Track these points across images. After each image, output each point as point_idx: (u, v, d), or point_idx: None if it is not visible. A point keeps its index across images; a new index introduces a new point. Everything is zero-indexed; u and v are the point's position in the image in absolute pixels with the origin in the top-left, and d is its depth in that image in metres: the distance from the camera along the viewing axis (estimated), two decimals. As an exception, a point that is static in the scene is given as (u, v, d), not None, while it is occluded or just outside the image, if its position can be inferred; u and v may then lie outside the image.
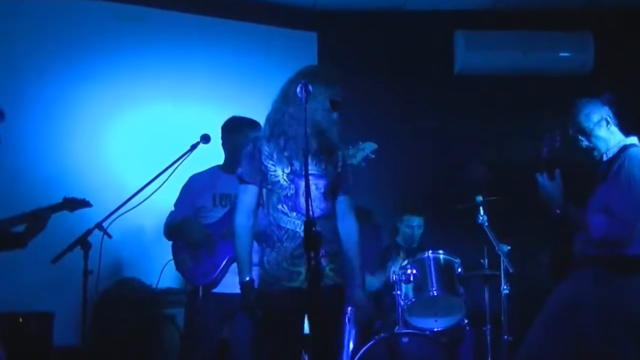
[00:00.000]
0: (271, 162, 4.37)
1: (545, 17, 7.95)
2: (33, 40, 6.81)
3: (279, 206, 4.35)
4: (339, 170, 4.50)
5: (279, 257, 4.33)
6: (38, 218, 4.85)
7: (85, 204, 5.14)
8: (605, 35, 7.84)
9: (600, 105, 4.78)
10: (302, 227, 4.14)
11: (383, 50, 7.94)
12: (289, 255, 4.31)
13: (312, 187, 4.25)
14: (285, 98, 4.45)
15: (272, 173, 4.36)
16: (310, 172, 4.17)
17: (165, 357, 6.29)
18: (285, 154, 4.36)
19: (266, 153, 4.38)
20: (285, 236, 4.33)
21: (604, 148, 4.74)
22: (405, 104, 7.81)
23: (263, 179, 4.39)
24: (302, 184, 4.24)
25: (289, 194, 4.35)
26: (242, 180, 4.44)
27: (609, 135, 4.73)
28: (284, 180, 4.35)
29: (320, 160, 4.43)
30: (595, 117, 4.73)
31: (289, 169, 4.36)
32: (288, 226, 4.34)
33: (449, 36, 7.98)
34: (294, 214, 4.34)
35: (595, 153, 4.78)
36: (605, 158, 4.73)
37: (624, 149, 4.65)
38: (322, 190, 4.39)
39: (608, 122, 4.72)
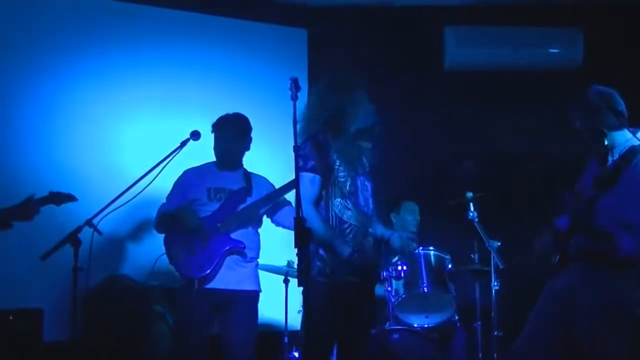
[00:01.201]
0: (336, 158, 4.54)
1: (535, 12, 7.95)
2: (27, 37, 6.79)
3: (343, 201, 4.50)
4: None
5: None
6: (27, 207, 4.85)
7: (71, 198, 5.13)
8: (595, 31, 7.84)
9: (609, 101, 4.68)
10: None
11: (373, 47, 7.94)
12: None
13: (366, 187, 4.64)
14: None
15: (338, 168, 4.53)
16: (361, 173, 4.62)
17: (156, 353, 6.28)
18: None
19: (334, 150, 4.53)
20: (348, 230, 4.49)
21: (609, 145, 4.66)
22: (395, 100, 7.79)
23: (330, 172, 4.52)
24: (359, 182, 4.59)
25: (351, 191, 4.55)
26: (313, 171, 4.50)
27: (619, 134, 4.64)
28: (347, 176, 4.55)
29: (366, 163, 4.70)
30: (604, 113, 4.63)
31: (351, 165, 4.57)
32: (351, 221, 4.51)
33: (439, 32, 7.97)
34: (355, 210, 4.54)
35: (600, 149, 4.70)
36: (611, 157, 4.65)
37: (634, 152, 4.56)
38: (370, 191, 4.68)
39: (616, 119, 4.63)
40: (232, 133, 5.66)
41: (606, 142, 4.63)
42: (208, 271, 5.42)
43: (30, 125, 6.68)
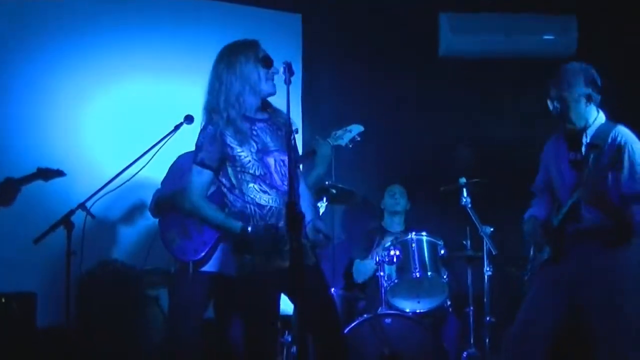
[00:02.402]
0: (235, 142, 4.32)
1: (530, -1, 7.95)
2: (14, 18, 6.75)
3: (256, 185, 4.31)
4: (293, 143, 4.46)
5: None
6: (8, 187, 4.82)
7: (59, 173, 5.12)
8: (589, 18, 7.83)
9: (584, 80, 4.68)
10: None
11: (367, 32, 7.92)
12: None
13: (281, 163, 4.36)
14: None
15: (239, 154, 4.31)
16: (273, 149, 4.34)
17: (149, 337, 6.29)
18: (254, 133, 4.35)
19: (229, 135, 4.31)
20: (269, 214, 4.30)
21: (579, 123, 4.67)
22: (390, 86, 7.80)
23: (230, 161, 4.32)
24: (271, 161, 4.32)
25: (262, 173, 4.32)
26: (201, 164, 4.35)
27: (586, 111, 4.65)
28: (254, 159, 4.31)
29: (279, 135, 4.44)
30: (579, 90, 4.64)
31: (255, 147, 4.33)
32: (270, 204, 4.31)
33: (434, 18, 7.95)
34: (274, 191, 4.33)
35: (569, 125, 4.70)
36: (585, 137, 4.64)
37: (610, 127, 4.60)
38: (288, 165, 4.27)
39: (590, 98, 4.64)
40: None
41: (587, 115, 4.65)
42: (203, 254, 5.40)
43: (15, 109, 6.65)
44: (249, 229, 4.22)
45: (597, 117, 4.67)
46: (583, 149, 4.64)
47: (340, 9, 7.88)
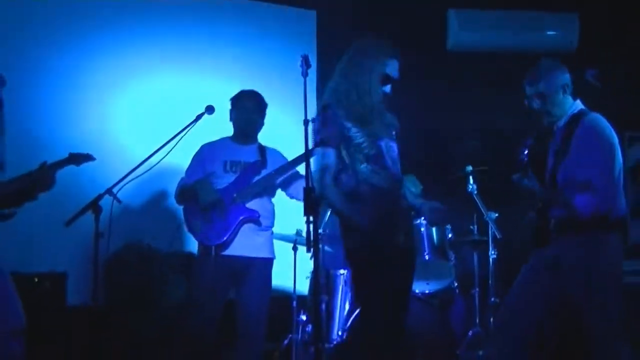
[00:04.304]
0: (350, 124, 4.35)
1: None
2: (47, 13, 6.79)
3: (369, 165, 4.32)
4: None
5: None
6: (44, 173, 4.82)
7: (89, 157, 5.09)
8: (590, 15, 7.80)
9: (563, 72, 4.69)
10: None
11: (379, 28, 7.87)
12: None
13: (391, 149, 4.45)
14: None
15: (355, 135, 4.33)
16: (384, 136, 4.41)
17: (172, 316, 6.31)
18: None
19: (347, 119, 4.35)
20: (380, 194, 4.32)
21: (558, 114, 4.66)
22: (400, 79, 7.76)
23: (346, 141, 4.33)
24: (382, 144, 4.38)
25: (376, 154, 4.35)
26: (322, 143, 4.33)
27: (563, 102, 4.65)
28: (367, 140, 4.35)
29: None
30: (556, 84, 4.64)
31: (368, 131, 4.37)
32: (381, 184, 4.33)
33: (442, 14, 7.93)
34: (385, 172, 4.36)
35: (547, 118, 4.71)
36: (559, 125, 4.66)
37: (579, 116, 4.59)
38: (397, 153, 4.50)
39: (565, 90, 4.64)
40: (253, 105, 5.68)
41: (554, 113, 4.66)
42: (225, 238, 5.42)
43: (48, 98, 6.68)
44: (368, 225, 4.21)
45: (572, 105, 4.67)
46: (557, 138, 4.67)
47: (353, 6, 7.87)
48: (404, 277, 4.47)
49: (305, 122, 4.08)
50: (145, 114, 7.00)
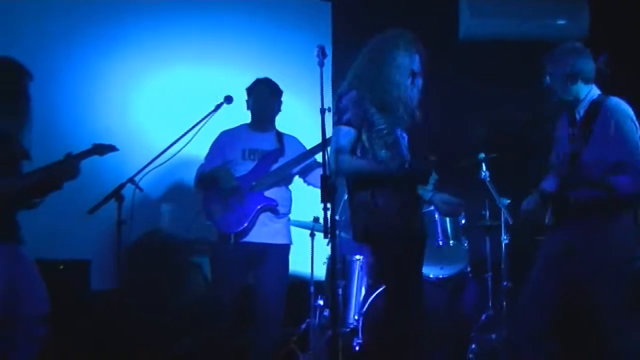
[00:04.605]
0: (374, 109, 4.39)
1: (545, -14, 7.92)
2: (70, 8, 6.83)
3: (388, 152, 4.38)
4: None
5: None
6: (69, 163, 4.87)
7: (112, 148, 5.14)
8: (600, 3, 7.78)
9: (575, 59, 4.69)
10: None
11: (393, 18, 7.87)
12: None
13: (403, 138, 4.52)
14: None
15: (378, 120, 4.38)
16: (399, 125, 4.50)
17: (192, 301, 6.36)
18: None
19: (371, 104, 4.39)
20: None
21: (577, 100, 4.67)
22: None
23: (369, 125, 4.38)
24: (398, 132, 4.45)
25: (394, 142, 4.42)
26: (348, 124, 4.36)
27: (572, 89, 4.65)
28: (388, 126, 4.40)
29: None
30: (563, 70, 4.66)
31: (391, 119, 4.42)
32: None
33: (454, 4, 7.93)
34: (400, 159, 4.42)
35: (558, 98, 4.74)
36: (578, 114, 4.67)
37: (599, 101, 4.60)
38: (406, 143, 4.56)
39: (574, 78, 4.64)
40: (269, 92, 5.75)
41: (574, 92, 4.65)
42: (244, 225, 5.46)
43: (71, 90, 6.72)
44: (406, 165, 4.36)
45: (589, 93, 4.66)
46: (577, 124, 4.66)
47: (367, -3, 7.91)
48: (419, 262, 4.51)
49: (322, 111, 4.11)
50: (166, 105, 7.04)
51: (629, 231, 4.51)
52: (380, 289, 5.99)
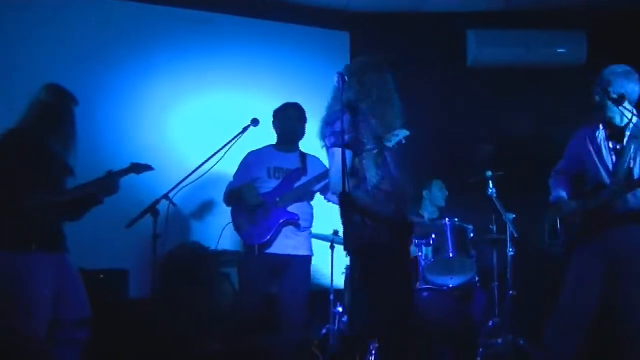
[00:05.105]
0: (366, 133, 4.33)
1: (545, 17, 7.92)
2: (111, 38, 6.93)
3: (379, 171, 4.30)
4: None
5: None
6: (109, 180, 4.92)
7: (148, 168, 5.18)
8: (597, 33, 7.78)
9: (633, 82, 4.69)
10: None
11: (407, 46, 7.94)
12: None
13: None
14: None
15: (368, 141, 4.31)
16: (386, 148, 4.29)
17: (221, 308, 6.36)
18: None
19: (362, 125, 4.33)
20: (389, 198, 4.29)
21: (614, 117, 4.67)
22: (425, 92, 7.81)
23: (362, 146, 4.31)
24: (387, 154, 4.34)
25: (384, 161, 4.33)
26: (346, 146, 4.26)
27: (624, 110, 4.62)
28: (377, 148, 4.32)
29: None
30: (625, 90, 4.63)
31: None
32: (389, 189, 4.31)
33: (463, 34, 7.96)
34: (390, 178, 4.33)
35: (607, 116, 4.70)
36: (628, 130, 4.64)
37: None
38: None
39: (632, 100, 4.65)
40: (297, 115, 5.76)
41: (620, 111, 4.61)
42: (267, 238, 5.47)
43: (111, 113, 6.78)
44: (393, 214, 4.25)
45: (632, 114, 4.64)
46: (625, 140, 4.64)
47: (383, 27, 7.91)
48: (404, 275, 4.43)
49: (342, 132, 4.11)
50: (197, 127, 7.08)
51: None
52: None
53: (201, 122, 7.13)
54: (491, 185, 6.27)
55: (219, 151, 5.38)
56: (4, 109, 5.55)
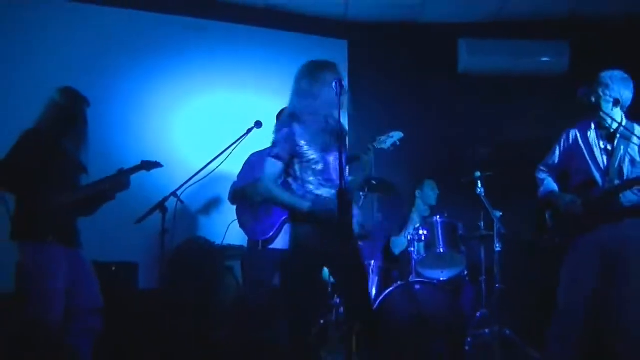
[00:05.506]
0: (304, 142, 4.30)
1: (530, 28, 7.93)
2: (117, 44, 6.92)
3: (316, 179, 4.29)
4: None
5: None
6: (121, 177, 4.93)
7: (157, 165, 5.19)
8: (579, 43, 7.79)
9: (628, 89, 4.69)
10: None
11: (402, 54, 7.95)
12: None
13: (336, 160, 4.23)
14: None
15: (306, 152, 4.29)
16: (332, 150, 4.32)
17: (225, 301, 6.35)
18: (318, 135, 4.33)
19: (299, 135, 4.30)
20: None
21: (606, 119, 4.67)
22: (419, 98, 7.82)
23: (298, 157, 4.29)
24: (330, 159, 4.30)
25: (322, 169, 4.30)
26: (276, 157, 4.29)
27: (613, 112, 4.64)
28: (317, 156, 4.29)
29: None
30: (621, 94, 4.65)
31: (320, 147, 4.31)
32: (326, 195, 4.27)
33: (454, 43, 7.95)
34: (329, 184, 4.30)
35: (599, 117, 4.70)
36: (618, 132, 4.66)
37: (633, 126, 4.65)
38: (340, 160, 4.16)
39: (616, 103, 4.64)
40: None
41: (614, 114, 4.64)
42: (270, 234, 5.46)
43: (119, 116, 6.78)
44: (312, 207, 4.18)
45: (622, 117, 4.67)
46: (616, 141, 4.65)
47: (379, 36, 7.93)
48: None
49: (340, 136, 4.11)
50: (203, 129, 7.07)
51: None
52: (390, 289, 5.99)
53: (207, 124, 7.12)
54: (480, 185, 6.27)
55: (223, 151, 5.39)
56: (5, 112, 5.60)
